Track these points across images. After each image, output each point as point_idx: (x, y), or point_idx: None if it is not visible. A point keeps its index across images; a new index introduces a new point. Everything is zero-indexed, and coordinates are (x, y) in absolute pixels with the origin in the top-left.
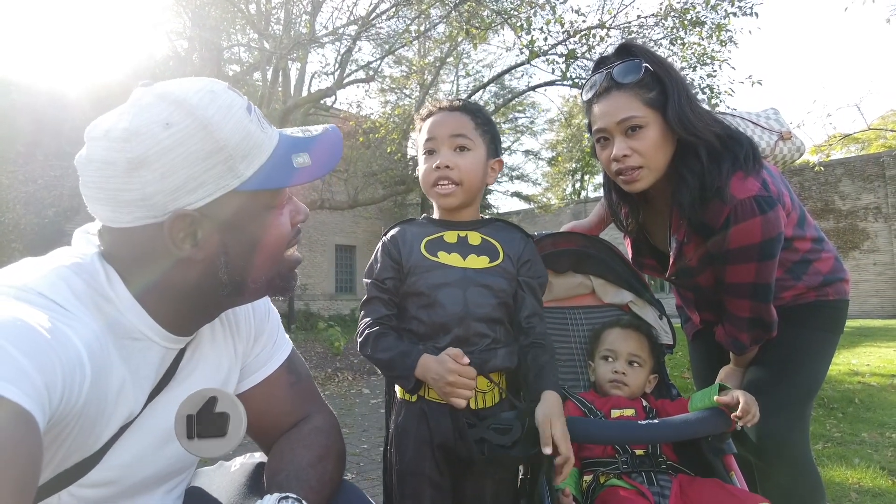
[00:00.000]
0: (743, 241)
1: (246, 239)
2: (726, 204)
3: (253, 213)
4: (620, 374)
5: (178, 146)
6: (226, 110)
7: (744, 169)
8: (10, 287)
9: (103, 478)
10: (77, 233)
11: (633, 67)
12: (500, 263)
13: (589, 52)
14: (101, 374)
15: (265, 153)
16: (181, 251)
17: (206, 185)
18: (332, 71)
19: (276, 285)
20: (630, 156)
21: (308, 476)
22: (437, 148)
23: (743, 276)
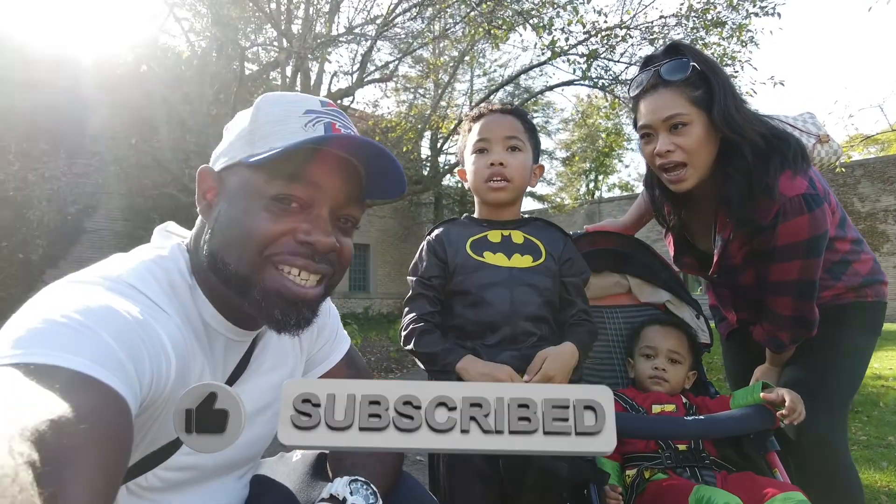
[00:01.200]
0: (790, 238)
1: (231, 213)
2: (775, 201)
3: (243, 189)
4: (661, 370)
5: (238, 123)
6: (282, 102)
7: (792, 168)
8: (103, 278)
9: (184, 462)
10: (157, 231)
11: (681, 66)
12: (543, 262)
13: (610, 52)
14: (183, 363)
15: (283, 142)
16: (200, 205)
17: (230, 153)
18: (351, 71)
19: (254, 298)
20: (673, 151)
21: (373, 464)
22: (490, 147)
23: (788, 273)
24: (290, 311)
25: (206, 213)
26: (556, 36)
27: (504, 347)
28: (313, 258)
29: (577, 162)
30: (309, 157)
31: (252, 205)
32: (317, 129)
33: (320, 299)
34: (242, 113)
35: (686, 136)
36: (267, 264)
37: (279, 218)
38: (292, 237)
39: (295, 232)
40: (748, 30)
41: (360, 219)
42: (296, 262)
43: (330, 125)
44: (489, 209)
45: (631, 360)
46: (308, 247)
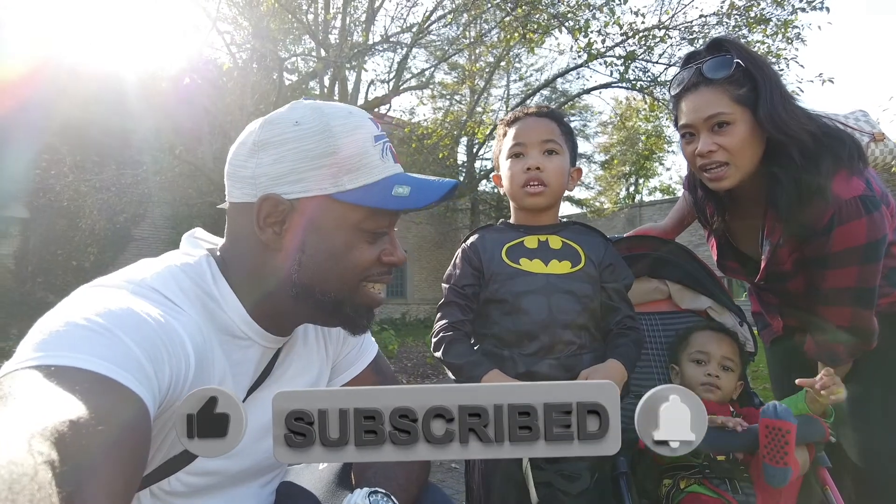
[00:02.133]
0: (847, 243)
1: (325, 246)
2: (830, 205)
3: (339, 226)
4: (714, 377)
5: (297, 140)
6: (352, 128)
7: (847, 167)
8: (127, 282)
9: (207, 467)
10: (185, 237)
11: (724, 63)
12: (582, 268)
13: (648, 53)
14: (203, 366)
15: (373, 177)
16: (264, 234)
17: (305, 182)
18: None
19: (345, 314)
20: (715, 151)
21: (396, 475)
22: (526, 152)
23: (844, 280)
24: (371, 318)
25: (275, 241)
26: (592, 38)
27: (542, 356)
28: (391, 273)
29: (617, 165)
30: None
31: (352, 237)
32: (387, 157)
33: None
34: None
35: (729, 135)
36: (360, 285)
37: (372, 246)
38: (379, 259)
39: (382, 255)
40: (794, 26)
41: None
42: (383, 279)
43: (390, 150)
44: (526, 214)
45: (676, 366)
46: (391, 266)
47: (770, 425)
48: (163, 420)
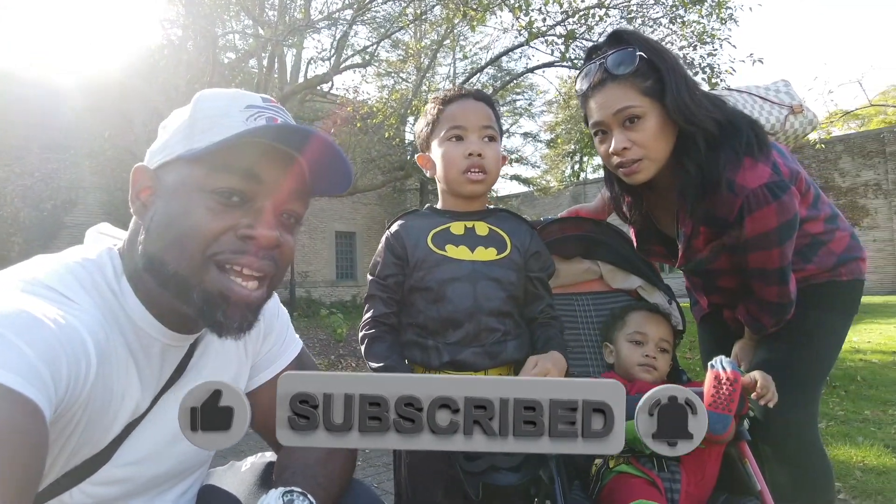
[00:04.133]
0: (759, 229)
1: (167, 209)
2: (737, 195)
3: (182, 185)
4: (651, 358)
5: (176, 120)
6: (222, 97)
7: (750, 155)
8: (20, 280)
9: (115, 475)
10: (89, 231)
11: (627, 57)
12: (508, 255)
13: (588, 33)
14: (106, 366)
15: (228, 133)
16: (134, 205)
17: (167, 149)
18: (328, 56)
19: (194, 302)
20: (630, 148)
21: (315, 473)
22: (466, 136)
23: (767, 261)
24: (234, 314)
25: (142, 214)
26: (533, 17)
27: (467, 345)
28: (256, 254)
29: (562, 144)
30: (250, 149)
31: (191, 201)
32: (258, 122)
33: (263, 301)
34: (179, 110)
35: (640, 130)
36: (209, 264)
37: (220, 213)
38: (234, 233)
39: (236, 227)
40: (727, 7)
41: (303, 216)
42: (239, 259)
43: (272, 119)
44: (457, 200)
45: (609, 345)
46: (250, 242)
47: (718, 376)
48: (61, 425)
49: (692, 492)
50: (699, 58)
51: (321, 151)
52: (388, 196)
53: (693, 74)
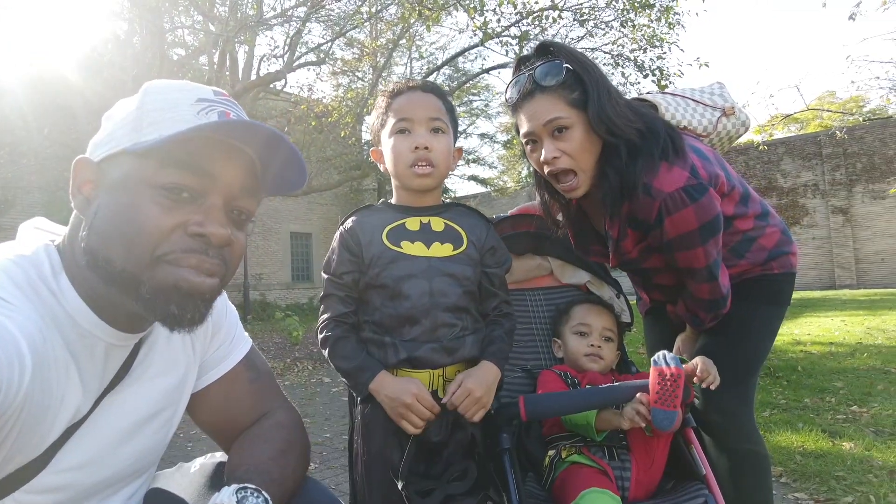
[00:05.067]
0: (680, 229)
1: (113, 204)
2: (654, 199)
3: (128, 179)
4: (597, 347)
5: (121, 110)
6: (172, 89)
7: (666, 160)
8: None
9: (53, 482)
10: (22, 226)
11: (554, 69)
12: (464, 250)
13: (542, 34)
14: (43, 368)
15: (174, 129)
16: (75, 199)
17: (112, 142)
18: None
19: (144, 298)
20: (560, 157)
21: (269, 469)
22: (413, 129)
23: (693, 260)
24: (187, 305)
25: (84, 208)
26: (487, 17)
27: (424, 341)
28: (207, 252)
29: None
30: (201, 145)
31: (138, 196)
32: (210, 116)
33: (216, 293)
34: (125, 100)
35: (569, 140)
36: (159, 263)
37: (169, 210)
38: (183, 230)
39: (186, 224)
40: (675, 12)
41: (254, 213)
42: (189, 260)
43: (224, 114)
44: (409, 195)
45: (558, 339)
46: (201, 240)
47: (662, 372)
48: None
49: (642, 479)
50: (649, 60)
51: (274, 148)
52: (344, 196)
53: (643, 76)
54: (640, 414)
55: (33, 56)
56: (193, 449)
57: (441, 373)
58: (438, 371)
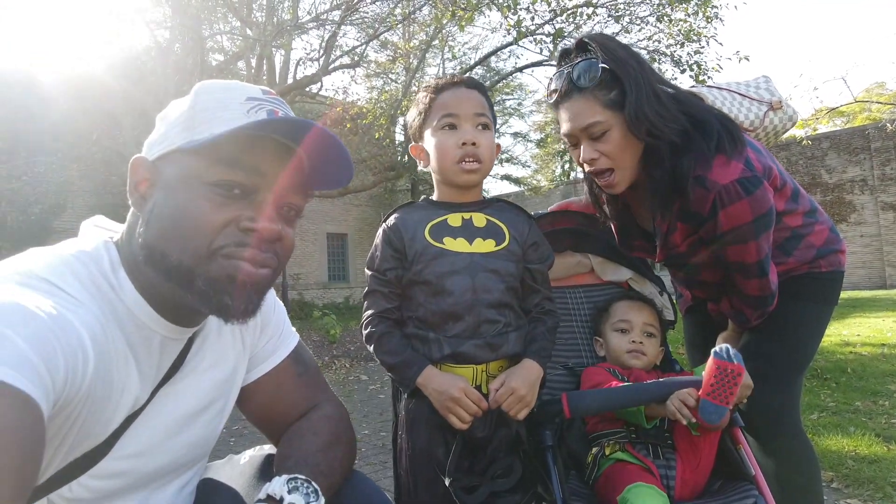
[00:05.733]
0: (734, 222)
1: (169, 202)
2: (709, 191)
3: (183, 177)
4: (638, 343)
5: (175, 111)
6: (222, 89)
7: (722, 152)
8: (15, 273)
9: (115, 468)
10: (84, 224)
11: (590, 69)
12: (506, 246)
13: (576, 31)
14: (105, 360)
15: (229, 125)
16: (132, 198)
17: (166, 141)
18: (316, 57)
19: (199, 289)
20: (598, 158)
21: (317, 461)
22: (459, 124)
23: (745, 255)
24: (241, 296)
25: (140, 206)
26: (521, 16)
27: (467, 337)
28: (259, 247)
29: (551, 143)
30: (251, 142)
31: (192, 193)
32: (259, 114)
33: (269, 284)
34: (178, 101)
35: (607, 142)
36: (215, 257)
37: (221, 206)
38: (236, 226)
39: (238, 220)
40: (713, 5)
41: (303, 209)
42: (242, 253)
43: (272, 112)
44: (452, 191)
45: (599, 338)
46: (253, 234)
47: (721, 366)
48: (61, 420)
49: (688, 478)
50: (686, 55)
51: (322, 144)
52: (379, 197)
53: (681, 72)
54: (686, 406)
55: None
56: (236, 444)
57: (484, 368)
58: (482, 367)
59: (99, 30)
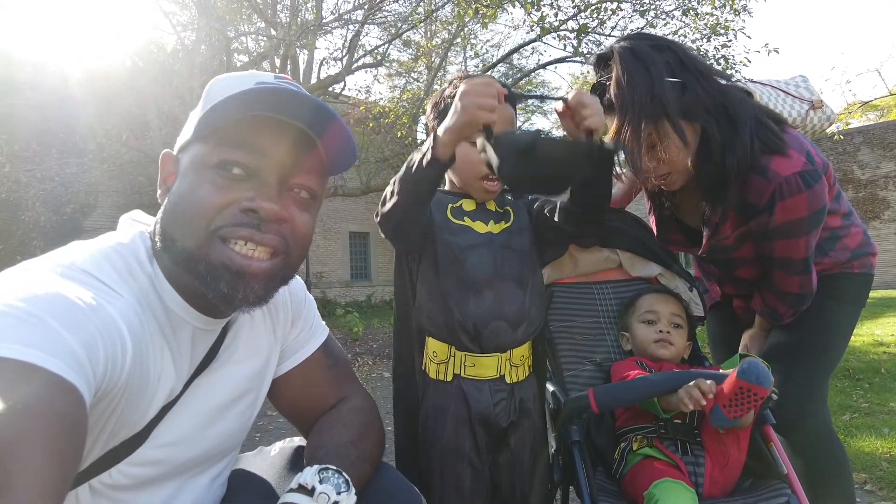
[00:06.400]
0: (789, 216)
1: (180, 189)
2: (770, 182)
3: (192, 165)
4: (665, 333)
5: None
6: (236, 77)
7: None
8: (57, 265)
9: (151, 456)
10: (123, 218)
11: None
12: (514, 221)
13: (601, 26)
14: (142, 350)
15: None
16: (160, 190)
17: (185, 133)
18: (340, 57)
19: (200, 273)
20: (657, 166)
21: (348, 452)
22: None
23: (793, 250)
24: (237, 285)
25: (165, 197)
26: (544, 12)
27: (488, 313)
28: (258, 227)
29: None
30: (251, 123)
31: (197, 177)
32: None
33: (269, 274)
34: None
35: (663, 150)
36: (214, 238)
37: (223, 188)
38: (237, 206)
39: (239, 201)
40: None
41: (318, 192)
42: (240, 232)
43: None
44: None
45: (625, 333)
46: (252, 215)
47: (745, 387)
48: (101, 409)
49: (717, 476)
50: (713, 49)
51: (324, 123)
52: None
53: None
54: (693, 397)
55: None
56: (261, 440)
57: (508, 357)
58: (506, 355)
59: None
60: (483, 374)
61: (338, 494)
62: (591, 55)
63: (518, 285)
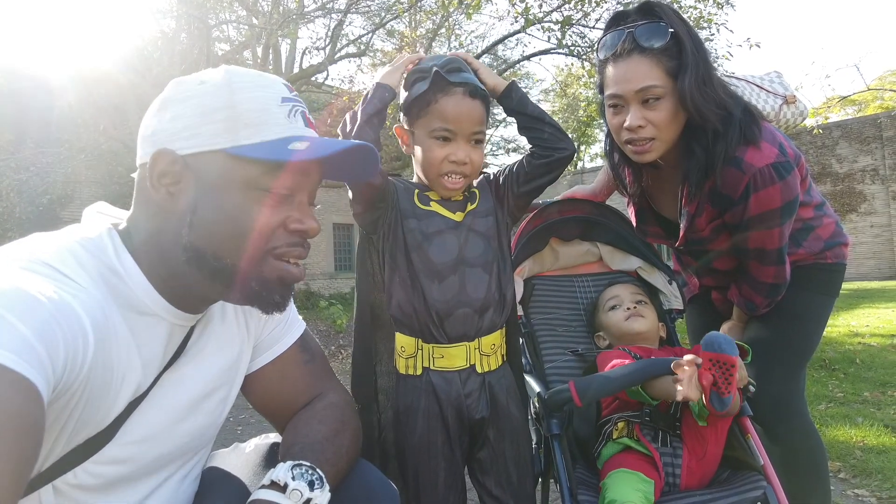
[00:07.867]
0: (763, 207)
1: (218, 205)
2: (744, 173)
3: (233, 182)
4: (632, 307)
5: (199, 97)
6: (255, 85)
7: (752, 143)
8: (18, 258)
9: (119, 454)
10: (87, 210)
11: (659, 31)
12: (479, 202)
13: (585, 19)
14: (105, 345)
15: (274, 134)
16: (158, 193)
17: (200, 136)
18: (322, 46)
19: (252, 290)
20: (644, 126)
21: (323, 449)
22: (454, 139)
23: (767, 241)
24: (286, 293)
25: (169, 203)
26: (529, 3)
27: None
28: (303, 245)
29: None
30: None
31: (244, 197)
32: (296, 119)
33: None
34: (199, 87)
35: (659, 110)
36: (267, 257)
37: (272, 209)
38: (284, 227)
39: (287, 222)
40: None
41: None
42: (293, 252)
43: (303, 114)
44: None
45: (599, 332)
46: (301, 235)
47: (713, 358)
48: (60, 405)
49: (694, 468)
50: None
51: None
52: None
53: None
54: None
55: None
56: (243, 433)
57: (477, 346)
58: (474, 343)
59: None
60: (452, 365)
61: (311, 491)
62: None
63: (484, 270)
